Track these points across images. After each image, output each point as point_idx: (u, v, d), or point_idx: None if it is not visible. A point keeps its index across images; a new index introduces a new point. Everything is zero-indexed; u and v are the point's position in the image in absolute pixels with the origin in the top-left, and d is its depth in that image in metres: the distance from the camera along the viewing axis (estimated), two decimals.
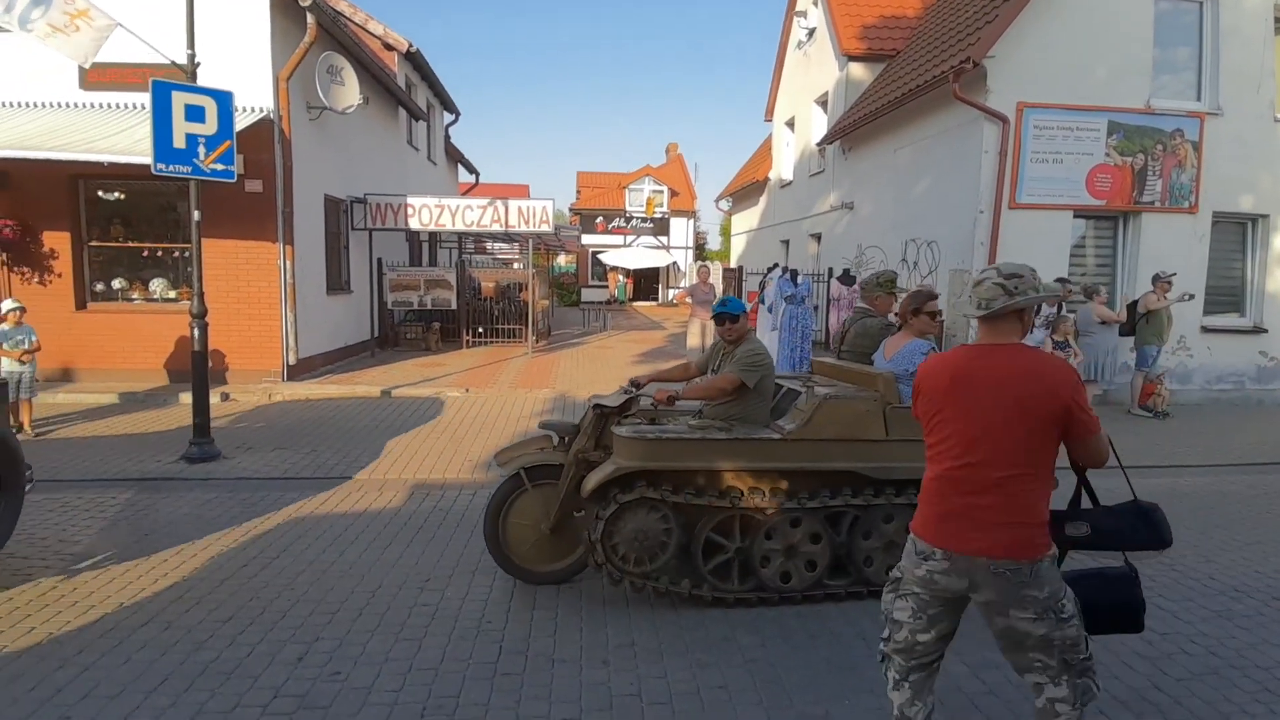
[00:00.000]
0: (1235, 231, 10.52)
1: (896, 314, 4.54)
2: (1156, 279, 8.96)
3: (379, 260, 13.21)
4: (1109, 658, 3.43)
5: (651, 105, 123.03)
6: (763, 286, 12.04)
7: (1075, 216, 9.98)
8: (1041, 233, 9.78)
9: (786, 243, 18.77)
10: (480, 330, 14.21)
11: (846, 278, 11.07)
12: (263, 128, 9.24)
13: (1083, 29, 9.56)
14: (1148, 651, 3.50)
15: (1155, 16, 9.71)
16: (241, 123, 8.44)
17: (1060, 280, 8.05)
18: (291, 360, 9.87)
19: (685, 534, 3.82)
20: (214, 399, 7.82)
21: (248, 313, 9.67)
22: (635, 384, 4.21)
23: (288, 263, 9.64)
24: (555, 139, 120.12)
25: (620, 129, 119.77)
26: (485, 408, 9.01)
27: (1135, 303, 9.26)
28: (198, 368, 6.56)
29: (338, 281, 11.81)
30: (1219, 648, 3.55)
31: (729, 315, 4.11)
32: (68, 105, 9.33)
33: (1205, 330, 10.22)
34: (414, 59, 14.91)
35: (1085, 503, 2.55)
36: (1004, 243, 9.69)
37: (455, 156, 20.89)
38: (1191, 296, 9.30)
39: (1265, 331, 10.34)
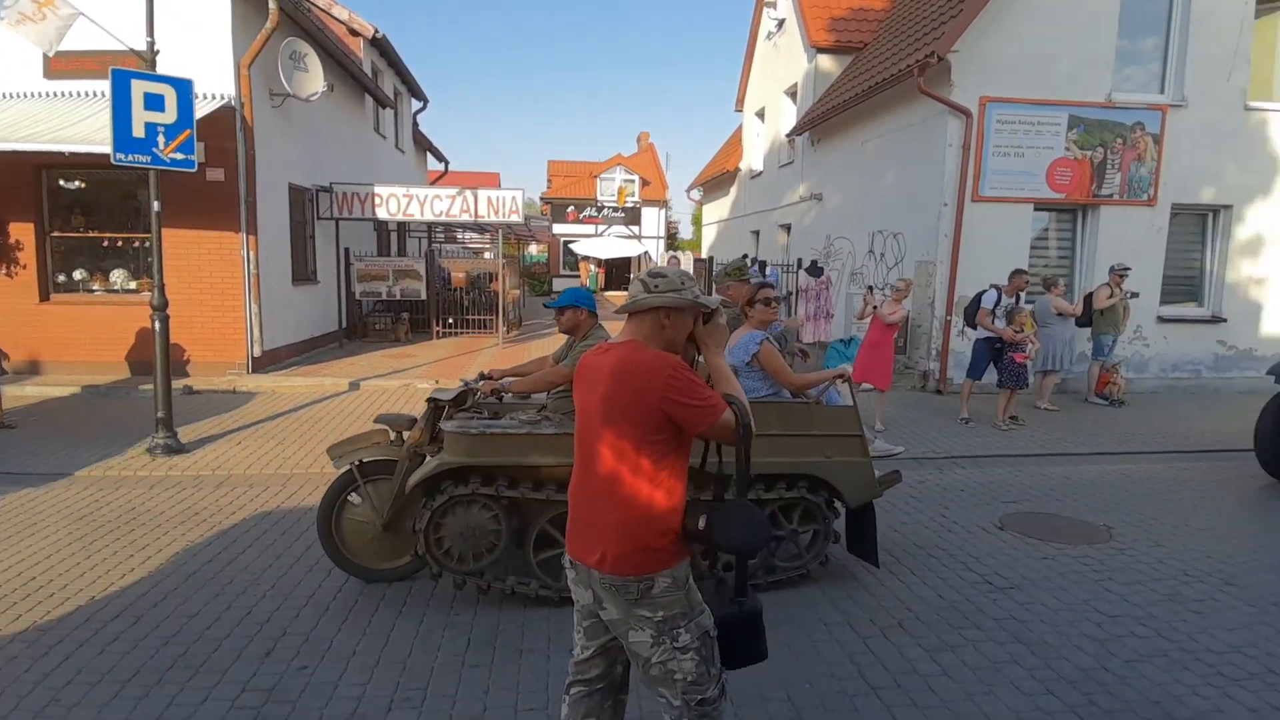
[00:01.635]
0: (1195, 223, 10.81)
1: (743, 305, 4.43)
2: (1111, 271, 9.18)
3: (346, 250, 13.04)
4: (1057, 638, 3.57)
5: (623, 95, 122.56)
6: None
7: (1036, 209, 10.19)
8: (1003, 225, 9.97)
9: (757, 233, 18.88)
10: (450, 321, 14.11)
11: (814, 269, 11.19)
12: (224, 115, 9.06)
13: (1046, 22, 9.72)
14: (1096, 634, 3.63)
15: (1121, 6, 9.86)
16: (202, 110, 8.27)
17: (1018, 271, 8.22)
18: (256, 352, 9.72)
19: (518, 530, 3.81)
20: (177, 392, 7.69)
21: (211, 304, 9.50)
22: (487, 376, 4.13)
23: (251, 253, 9.48)
24: (526, 128, 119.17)
25: (591, 118, 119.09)
26: None
27: (1091, 295, 9.49)
28: (160, 361, 6.46)
29: (303, 272, 11.64)
30: (1169, 631, 3.67)
31: (561, 307, 3.92)
32: (34, 95, 9.12)
33: (1161, 320, 10.51)
34: (380, 45, 14.66)
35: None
36: (967, 235, 9.86)
37: (424, 145, 20.62)
38: (1136, 295, 9.53)
39: (1224, 321, 10.65)
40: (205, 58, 8.85)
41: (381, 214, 12.59)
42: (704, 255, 22.22)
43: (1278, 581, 4.27)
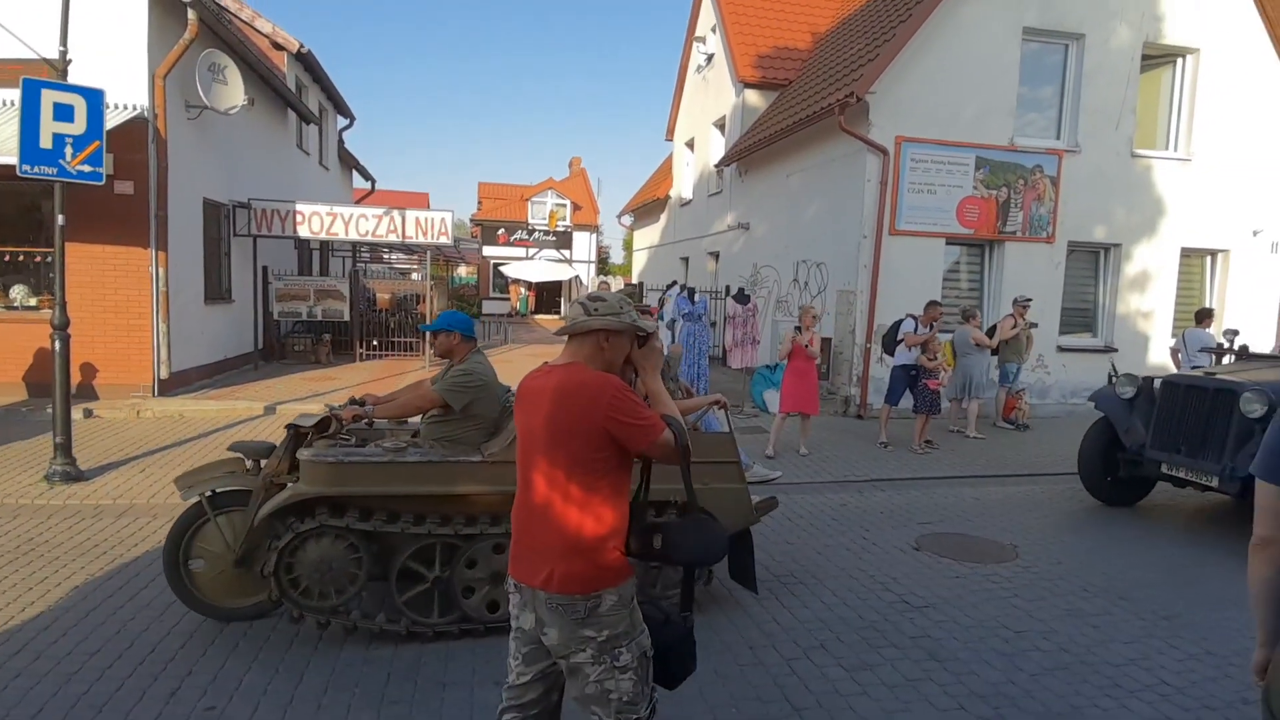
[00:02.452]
0: (1089, 259, 11.61)
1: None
2: (1015, 303, 9.75)
3: (264, 269, 12.58)
4: (969, 654, 3.73)
5: (555, 120, 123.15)
6: (661, 303, 12.26)
7: (948, 244, 10.75)
8: (918, 258, 10.48)
9: (686, 260, 19.20)
10: (375, 343, 13.76)
11: (741, 296, 11.43)
12: (136, 126, 8.66)
13: (955, 70, 10.35)
14: (1004, 648, 3.81)
15: (1022, 57, 10.62)
16: (112, 121, 7.91)
17: (933, 303, 8.65)
18: (163, 374, 9.24)
19: (380, 563, 3.64)
20: (77, 415, 7.23)
21: (115, 323, 8.99)
22: (359, 402, 3.98)
23: (160, 270, 9.04)
24: (456, 149, 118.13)
25: (523, 142, 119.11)
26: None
27: (994, 326, 10.03)
28: (59, 383, 6.08)
29: (217, 290, 11.16)
30: (1070, 645, 3.88)
31: (435, 330, 3.86)
32: None
33: (1061, 349, 11.21)
34: (305, 60, 14.34)
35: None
36: (885, 266, 10.31)
37: (350, 162, 20.18)
38: (1035, 325, 10.13)
39: (1116, 350, 11.43)
40: (119, 68, 8.48)
41: (303, 232, 12.22)
42: (634, 280, 22.42)
43: (1166, 596, 4.58)
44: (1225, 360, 7.84)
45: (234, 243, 11.73)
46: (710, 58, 17.21)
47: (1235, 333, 8.14)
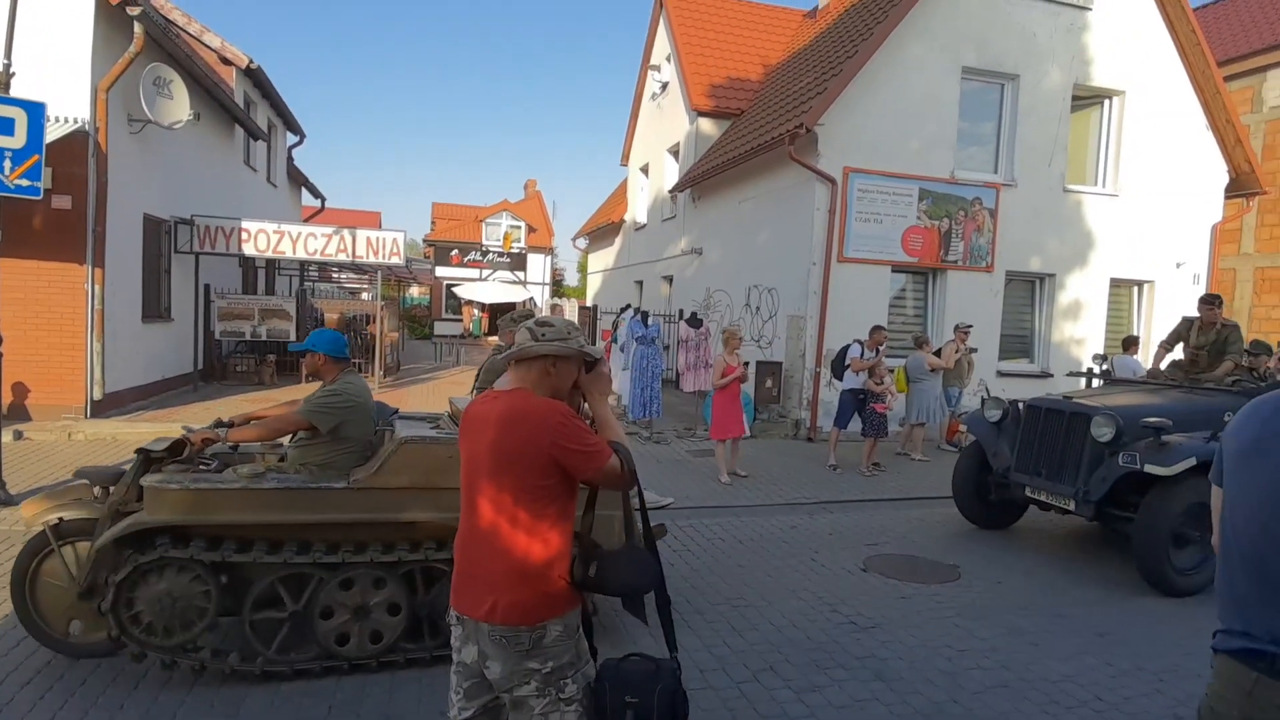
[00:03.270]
0: (1025, 288, 12.09)
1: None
2: (956, 329, 10.08)
3: (207, 287, 12.23)
4: (913, 674, 3.80)
5: (511, 142, 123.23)
6: (615, 326, 12.32)
7: (894, 271, 11.08)
8: (866, 284, 10.77)
9: (640, 283, 19.33)
10: None
11: (694, 320, 11.57)
12: (76, 140, 8.40)
13: (899, 104, 10.75)
14: (947, 667, 3.90)
15: (962, 95, 11.10)
16: (52, 134, 7.68)
17: (877, 328, 8.89)
18: (97, 395, 8.88)
19: (232, 597, 3.42)
20: (6, 437, 6.87)
21: (48, 341, 8.63)
22: (226, 424, 3.80)
23: (96, 287, 8.72)
24: (411, 169, 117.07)
25: (478, 163, 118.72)
26: None
27: (938, 351, 10.34)
28: None
29: (156, 309, 10.80)
30: (1010, 662, 3.99)
31: (300, 351, 3.72)
32: None
33: (1001, 374, 11.60)
34: (254, 75, 14.10)
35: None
36: (834, 292, 10.56)
37: (299, 180, 19.83)
38: (975, 350, 10.49)
39: (1051, 376, 11.88)
40: (62, 80, 8.27)
41: (248, 250, 11.94)
42: (589, 303, 22.44)
43: (1101, 614, 4.75)
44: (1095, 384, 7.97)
45: (175, 260, 11.39)
46: (665, 86, 17.51)
47: (1103, 358, 8.47)
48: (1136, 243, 12.15)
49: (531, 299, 32.67)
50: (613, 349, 12.05)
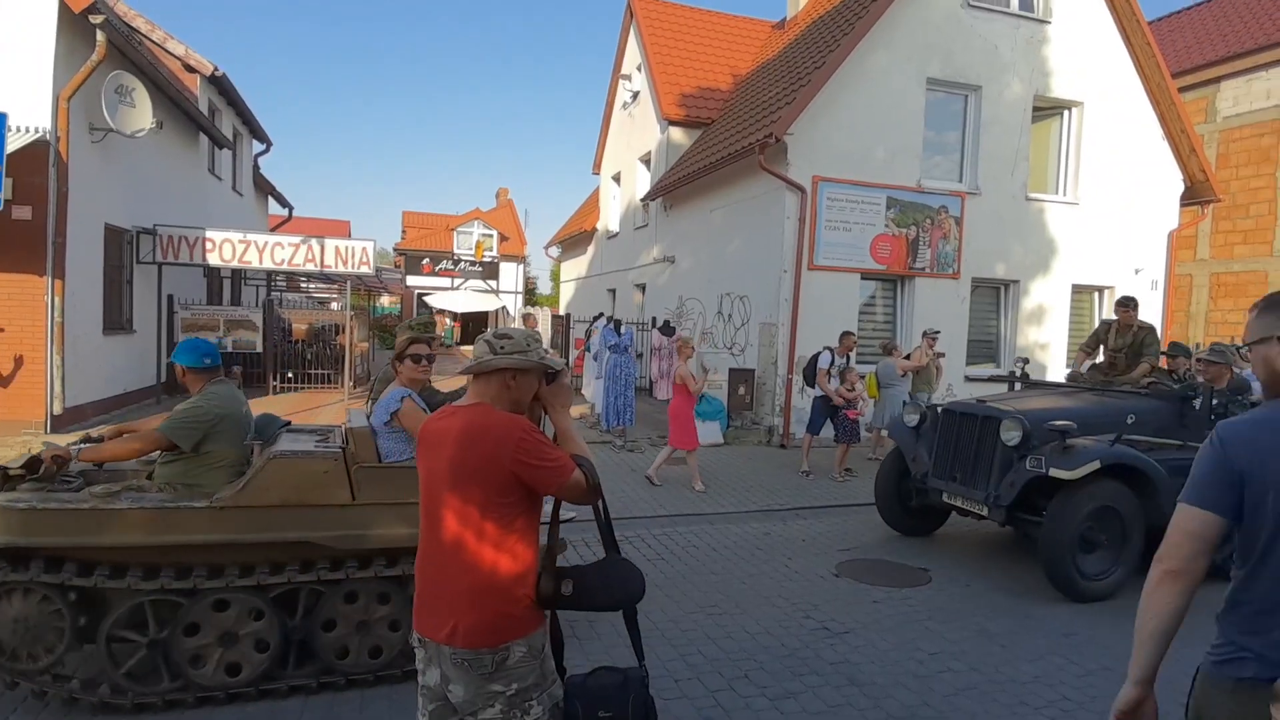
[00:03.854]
0: (991, 294, 12.32)
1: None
2: (925, 335, 10.24)
3: (170, 297, 12.00)
4: (885, 678, 3.84)
5: (483, 150, 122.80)
6: (588, 335, 12.31)
7: (863, 278, 11.23)
8: (835, 291, 10.89)
9: (613, 291, 19.35)
10: (290, 375, 13.25)
11: (666, 328, 11.64)
12: (37, 150, 8.22)
13: (867, 114, 10.91)
14: (919, 671, 3.94)
15: (927, 105, 11.31)
16: (13, 144, 7.54)
17: (846, 334, 9.00)
18: (57, 409, 8.64)
19: (89, 623, 3.25)
20: None
21: (7, 355, 8.41)
22: (95, 439, 3.67)
23: (56, 299, 8.51)
24: (381, 177, 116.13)
25: (449, 171, 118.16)
26: None
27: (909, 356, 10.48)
28: None
29: (118, 320, 10.56)
30: (980, 664, 4.05)
31: (172, 362, 3.51)
32: None
33: (968, 379, 11.80)
34: (219, 83, 13.90)
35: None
36: (804, 299, 10.67)
37: (265, 188, 19.55)
38: (943, 355, 10.66)
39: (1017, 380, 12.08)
40: (23, 89, 8.13)
41: (213, 260, 11.75)
42: (562, 312, 22.40)
43: (1067, 615, 4.84)
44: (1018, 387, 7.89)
45: (137, 270, 11.15)
46: (636, 95, 17.59)
47: (1025, 360, 8.58)
48: (1096, 250, 12.46)
49: (504, 307, 32.54)
50: (586, 357, 12.05)
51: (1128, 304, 7.28)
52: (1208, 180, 12.91)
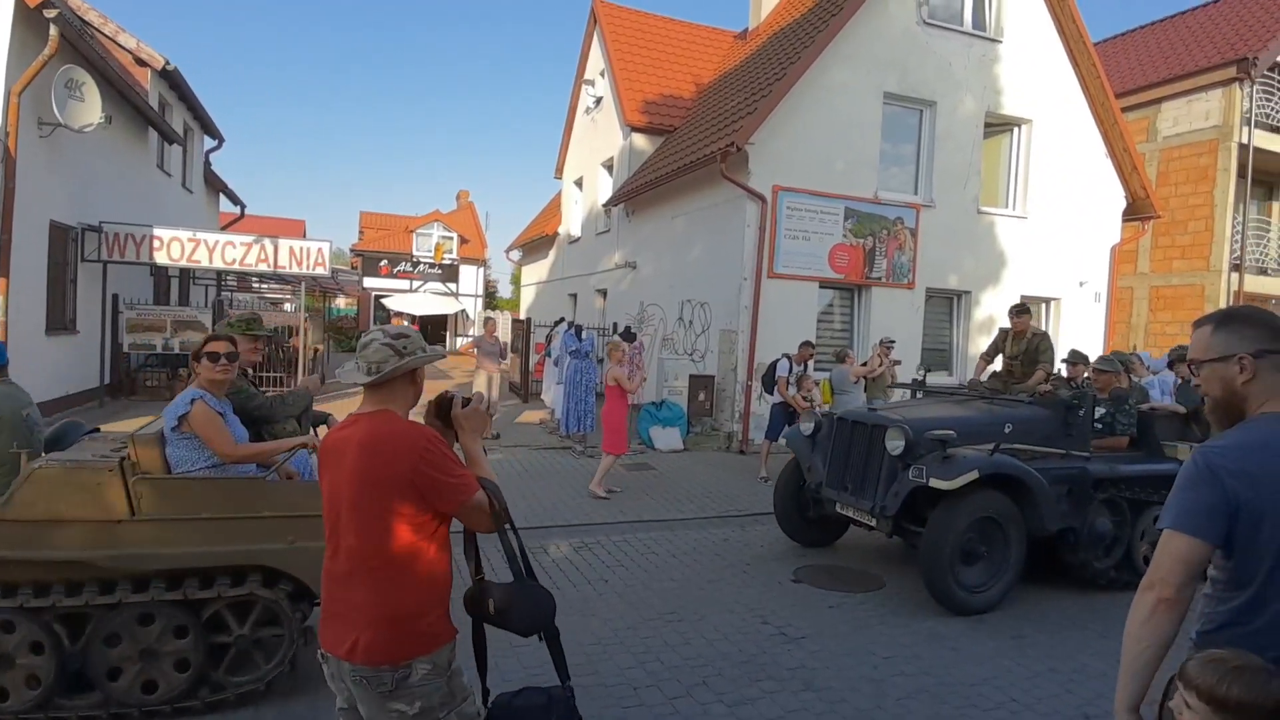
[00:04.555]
0: (944, 304, 12.63)
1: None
2: (880, 343, 10.43)
3: (115, 297, 11.60)
4: (841, 683, 3.90)
5: (442, 152, 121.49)
6: (549, 340, 12.26)
7: (821, 287, 11.41)
8: (795, 300, 11.05)
9: (575, 296, 19.31)
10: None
11: (628, 334, 11.62)
12: None
13: (826, 126, 11.11)
14: (872, 674, 4.02)
15: (884, 119, 11.56)
16: None
17: (805, 343, 9.14)
18: None
19: None
20: None
21: None
22: None
23: (0, 298, 8.19)
24: (338, 177, 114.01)
25: (409, 173, 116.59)
26: None
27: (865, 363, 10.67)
28: None
29: (60, 320, 10.17)
30: (932, 667, 4.14)
31: None
32: None
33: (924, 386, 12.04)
34: (170, 77, 13.51)
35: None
36: (764, 307, 10.80)
37: (217, 185, 19.05)
38: (899, 363, 10.87)
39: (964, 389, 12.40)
40: None
41: (160, 259, 11.41)
42: (523, 316, 22.27)
43: (1015, 618, 4.97)
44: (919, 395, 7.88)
45: (82, 269, 10.77)
46: (599, 100, 17.62)
47: (927, 369, 8.69)
48: (1044, 262, 12.87)
49: (463, 310, 32.23)
50: (546, 362, 11.99)
51: (1022, 311, 7.26)
52: (1148, 197, 13.45)
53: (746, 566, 5.80)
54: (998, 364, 7.78)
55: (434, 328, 33.61)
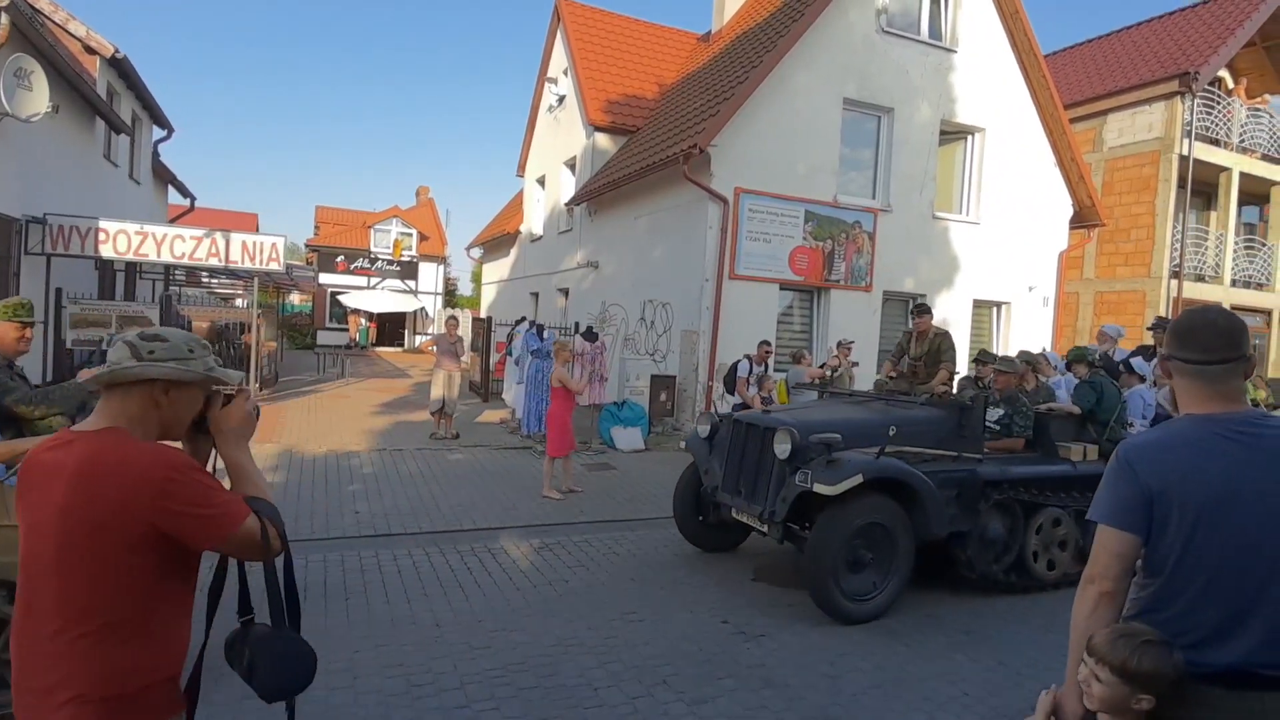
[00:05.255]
0: (900, 306, 12.90)
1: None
2: (839, 345, 10.62)
3: (59, 291, 11.17)
4: (799, 679, 3.97)
5: (402, 147, 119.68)
6: (510, 339, 12.19)
7: (781, 289, 11.57)
8: (755, 301, 11.17)
9: (536, 295, 19.21)
10: None
11: (590, 334, 11.62)
12: None
13: (787, 130, 11.26)
14: (829, 671, 4.09)
15: (843, 124, 11.77)
16: None
17: (764, 342, 9.26)
18: None
19: None
20: None
21: None
22: None
23: None
24: (292, 170, 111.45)
25: (367, 167, 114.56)
26: None
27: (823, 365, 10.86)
28: None
29: None
30: (886, 663, 4.23)
31: None
32: None
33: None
34: (119, 65, 13.07)
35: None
36: (725, 308, 10.90)
37: (165, 177, 18.48)
38: (857, 364, 11.07)
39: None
40: None
41: (106, 252, 11.02)
42: (484, 315, 22.07)
43: (966, 613, 5.11)
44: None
45: (25, 262, 10.35)
46: (562, 99, 17.55)
47: (834, 370, 8.63)
48: (995, 267, 13.24)
49: (423, 308, 31.81)
50: (508, 362, 11.92)
51: (923, 311, 7.17)
52: (1094, 206, 13.93)
53: (706, 565, 5.85)
54: (904, 365, 7.62)
55: (393, 325, 33.12)
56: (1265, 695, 1.64)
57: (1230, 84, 17.52)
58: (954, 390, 7.07)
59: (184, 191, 18.97)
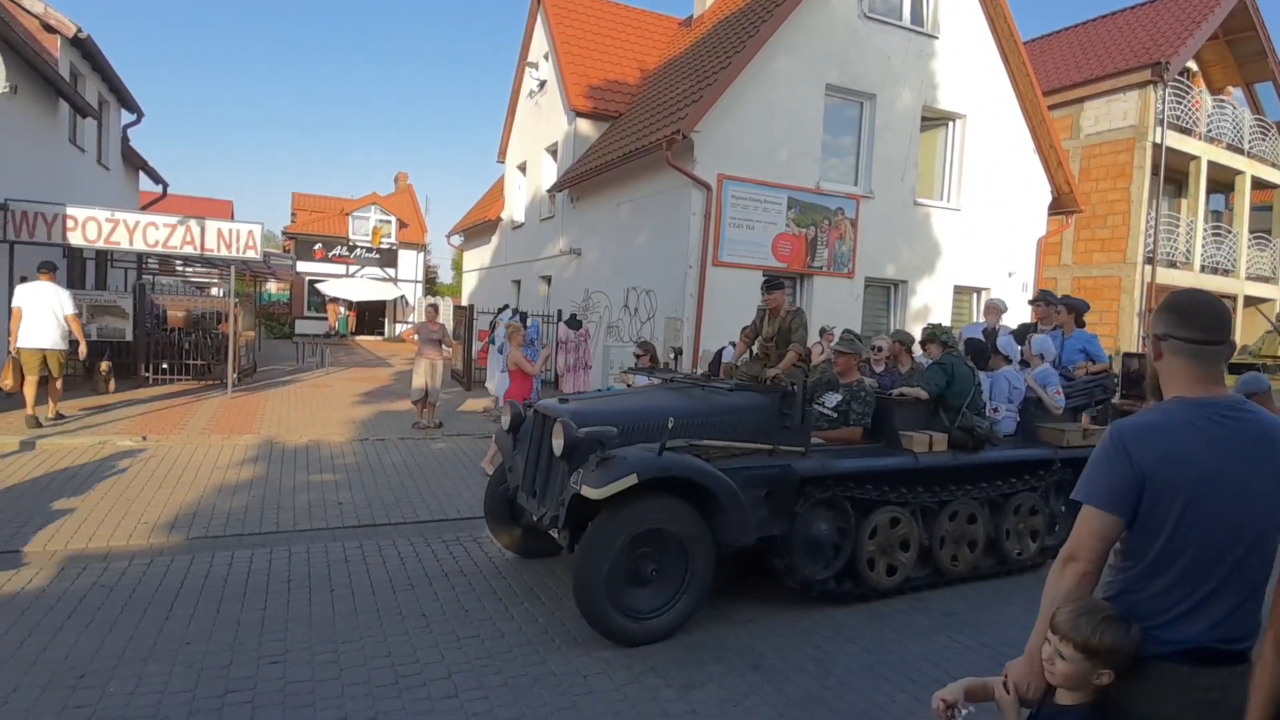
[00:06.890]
0: (882, 293, 12.96)
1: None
2: (823, 332, 10.66)
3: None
4: (786, 664, 3.98)
5: (380, 132, 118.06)
6: (493, 327, 12.10)
7: (765, 275, 11.54)
8: (739, 288, 11.16)
9: (518, 283, 19.08)
10: (165, 366, 12.33)
11: (573, 321, 11.57)
12: None
13: (770, 116, 11.22)
14: (816, 654, 4.11)
15: (825, 110, 11.75)
16: None
17: (745, 329, 9.22)
18: None
19: None
20: None
21: None
22: None
23: None
24: (268, 155, 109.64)
25: (344, 153, 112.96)
26: (169, 459, 7.83)
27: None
28: None
29: None
30: (873, 646, 4.26)
31: None
32: None
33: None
34: (83, 45, 12.73)
35: None
36: (709, 295, 10.88)
37: (136, 162, 18.09)
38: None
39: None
40: None
41: (75, 239, 10.74)
42: (465, 303, 21.88)
43: (947, 593, 5.16)
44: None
45: None
46: (543, 84, 17.37)
47: (678, 351, 8.14)
48: (975, 253, 13.33)
49: (403, 296, 31.52)
50: (490, 350, 11.83)
51: (774, 287, 6.33)
52: (1072, 192, 14.06)
53: None
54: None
55: (372, 313, 32.79)
56: (1222, 670, 1.68)
57: (1199, 75, 17.77)
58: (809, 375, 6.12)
59: (156, 178, 18.59)
